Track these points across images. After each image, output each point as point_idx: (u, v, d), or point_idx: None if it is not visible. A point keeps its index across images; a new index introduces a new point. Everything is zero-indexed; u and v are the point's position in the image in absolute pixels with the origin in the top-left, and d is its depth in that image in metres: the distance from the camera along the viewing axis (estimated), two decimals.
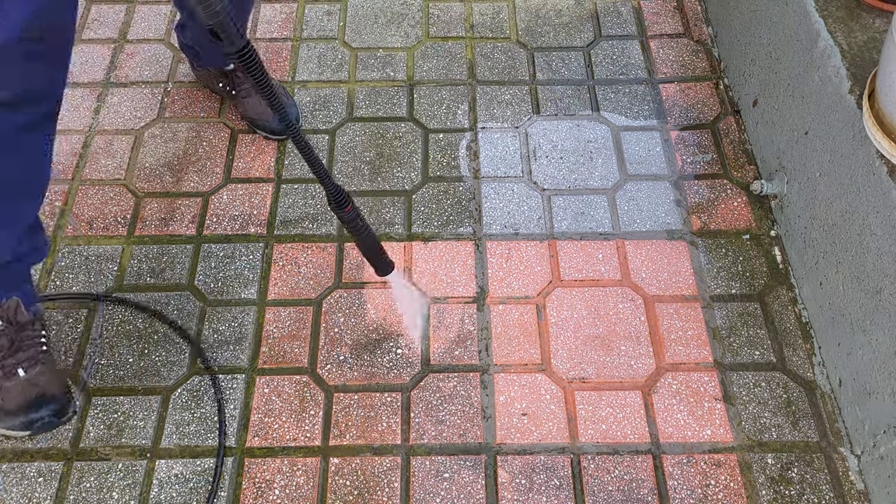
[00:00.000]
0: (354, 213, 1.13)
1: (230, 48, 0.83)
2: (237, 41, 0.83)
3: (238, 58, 0.85)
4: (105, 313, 1.44)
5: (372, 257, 1.24)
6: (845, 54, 1.28)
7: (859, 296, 1.23)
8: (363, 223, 1.16)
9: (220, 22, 0.80)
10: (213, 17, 0.79)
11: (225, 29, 0.81)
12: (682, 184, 1.63)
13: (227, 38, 0.82)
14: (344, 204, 1.10)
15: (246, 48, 0.84)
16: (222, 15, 0.79)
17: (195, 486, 1.26)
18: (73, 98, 1.78)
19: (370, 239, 1.20)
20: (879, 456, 1.19)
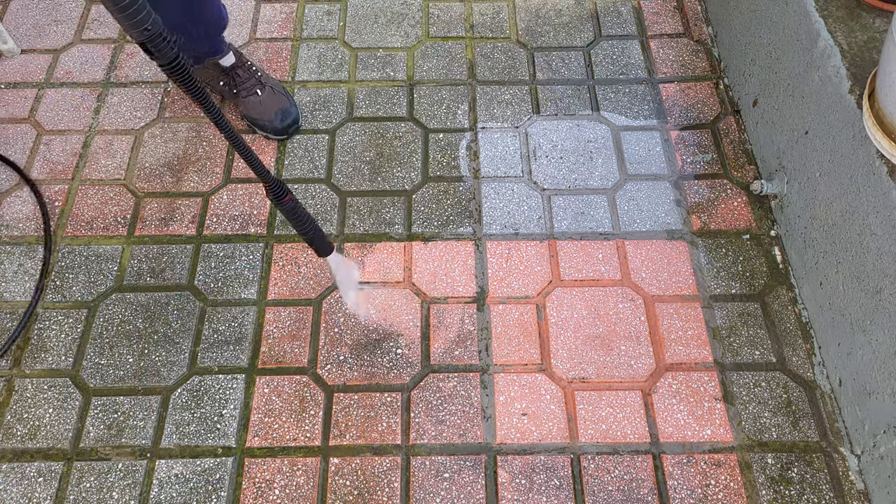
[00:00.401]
0: (293, 203, 1.16)
1: (161, 61, 0.85)
2: (168, 54, 0.85)
3: (170, 71, 0.87)
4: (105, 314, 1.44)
5: (314, 241, 1.26)
6: (845, 54, 1.28)
7: (859, 296, 1.23)
8: (301, 210, 1.18)
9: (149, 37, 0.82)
10: (141, 34, 0.81)
11: (155, 44, 0.83)
12: (682, 184, 1.63)
13: (157, 52, 0.84)
14: (282, 195, 1.13)
15: (175, 61, 0.86)
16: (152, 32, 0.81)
17: (195, 486, 1.26)
18: (72, 98, 1.78)
19: (310, 224, 1.22)
20: (879, 456, 1.19)
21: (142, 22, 0.80)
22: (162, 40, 0.83)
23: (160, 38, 0.83)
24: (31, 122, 1.74)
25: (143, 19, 0.80)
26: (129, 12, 0.78)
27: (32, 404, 1.34)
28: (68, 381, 1.37)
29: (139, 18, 0.80)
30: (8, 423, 1.32)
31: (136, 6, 0.79)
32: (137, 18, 0.79)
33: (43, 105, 1.77)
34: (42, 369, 1.38)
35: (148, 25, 0.81)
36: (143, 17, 0.80)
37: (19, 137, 1.71)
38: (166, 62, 0.85)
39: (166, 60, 0.85)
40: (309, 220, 1.21)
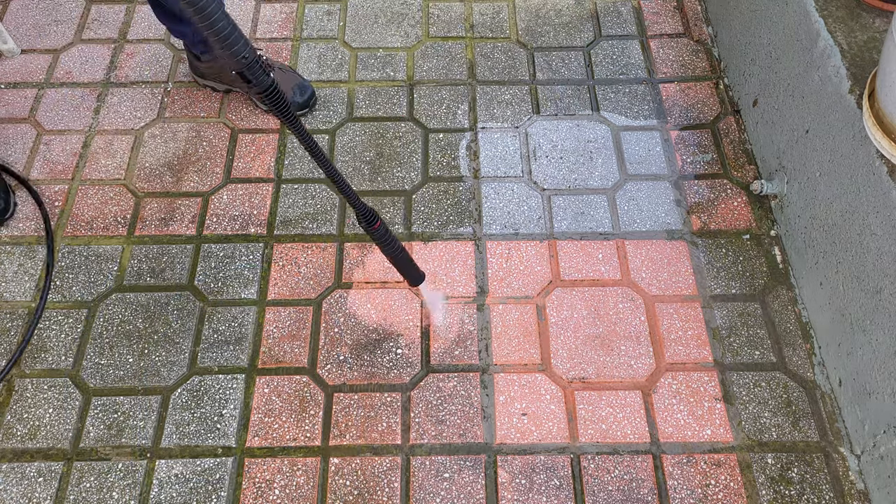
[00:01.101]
0: (384, 229, 1.16)
1: (257, 89, 0.87)
2: (264, 81, 0.87)
3: (265, 97, 0.89)
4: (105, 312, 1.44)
5: (403, 269, 1.27)
6: (845, 54, 1.28)
7: (859, 296, 1.23)
8: (392, 237, 1.19)
9: (247, 65, 0.84)
10: (239, 63, 0.83)
11: (253, 71, 0.85)
12: (682, 184, 1.63)
13: (254, 79, 0.86)
14: (373, 221, 1.14)
15: (271, 87, 0.88)
16: (250, 59, 0.83)
17: (195, 486, 1.26)
18: (72, 98, 1.78)
19: (400, 252, 1.23)
20: (879, 456, 1.19)
21: (240, 51, 0.82)
22: (259, 68, 0.85)
23: (257, 65, 0.85)
24: (31, 122, 1.74)
25: (241, 48, 0.82)
26: (229, 41, 0.81)
27: (32, 404, 1.34)
28: (68, 381, 1.37)
29: (237, 48, 0.82)
30: (8, 423, 1.32)
31: (234, 35, 0.81)
32: (236, 47, 0.82)
33: (43, 105, 1.77)
34: (42, 369, 1.38)
35: (246, 53, 0.83)
36: (240, 45, 0.82)
37: (19, 137, 1.71)
38: (262, 89, 0.87)
39: (262, 88, 0.87)
40: (399, 248, 1.21)
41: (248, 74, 0.85)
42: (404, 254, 1.24)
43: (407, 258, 1.25)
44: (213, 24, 0.78)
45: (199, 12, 0.76)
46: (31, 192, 1.61)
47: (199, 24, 0.78)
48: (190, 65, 1.78)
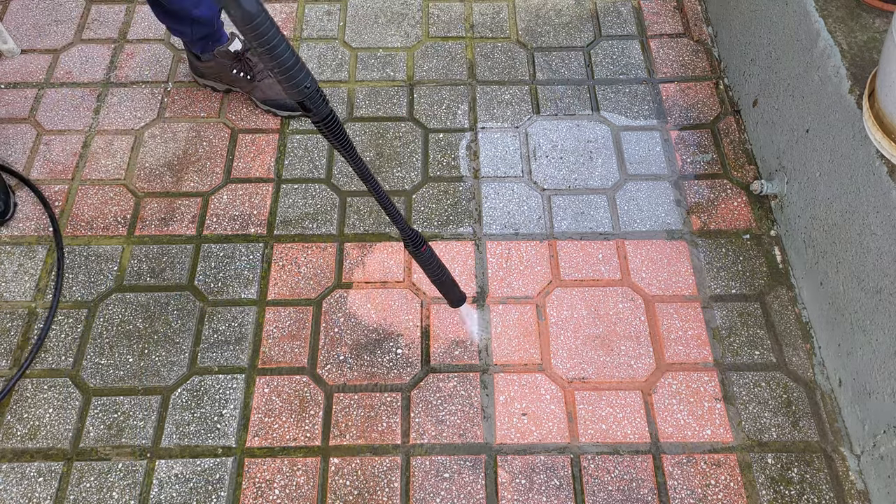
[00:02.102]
0: (430, 253, 1.16)
1: (316, 118, 0.87)
2: (324, 111, 0.86)
3: (324, 126, 0.88)
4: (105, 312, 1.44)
5: (446, 291, 1.27)
6: (845, 54, 1.28)
7: (859, 295, 1.23)
8: (436, 260, 1.18)
9: (309, 95, 0.83)
10: (301, 93, 0.82)
11: (314, 101, 0.84)
12: (682, 184, 1.63)
13: (315, 108, 0.85)
14: (419, 244, 1.13)
15: (330, 115, 0.87)
16: (311, 89, 0.83)
17: (195, 486, 1.26)
18: (72, 98, 1.78)
19: (444, 275, 1.22)
20: (879, 456, 1.19)
21: (302, 81, 0.81)
22: (319, 98, 0.85)
23: (318, 95, 0.84)
24: (31, 122, 1.74)
25: (304, 78, 0.81)
26: (292, 73, 0.80)
27: (32, 404, 1.34)
28: (68, 381, 1.37)
29: (300, 78, 0.81)
30: (8, 423, 1.32)
31: (297, 66, 0.80)
32: (298, 78, 0.81)
33: (43, 105, 1.77)
34: (42, 369, 1.38)
35: (307, 83, 0.82)
36: (303, 76, 0.81)
37: (19, 137, 1.71)
38: (320, 119, 0.86)
39: (321, 117, 0.86)
40: (443, 271, 1.21)
41: (309, 104, 0.84)
42: (448, 276, 1.23)
43: (450, 280, 1.24)
44: (275, 54, 0.77)
45: (259, 41, 0.75)
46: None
47: (261, 53, 0.77)
48: (190, 65, 1.78)
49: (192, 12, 1.56)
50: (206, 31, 1.64)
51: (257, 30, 0.74)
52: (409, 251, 1.14)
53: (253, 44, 0.76)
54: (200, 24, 1.61)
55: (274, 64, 0.78)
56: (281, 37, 0.77)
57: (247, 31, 0.75)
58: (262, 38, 0.75)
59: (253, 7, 0.73)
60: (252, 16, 0.73)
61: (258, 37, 0.75)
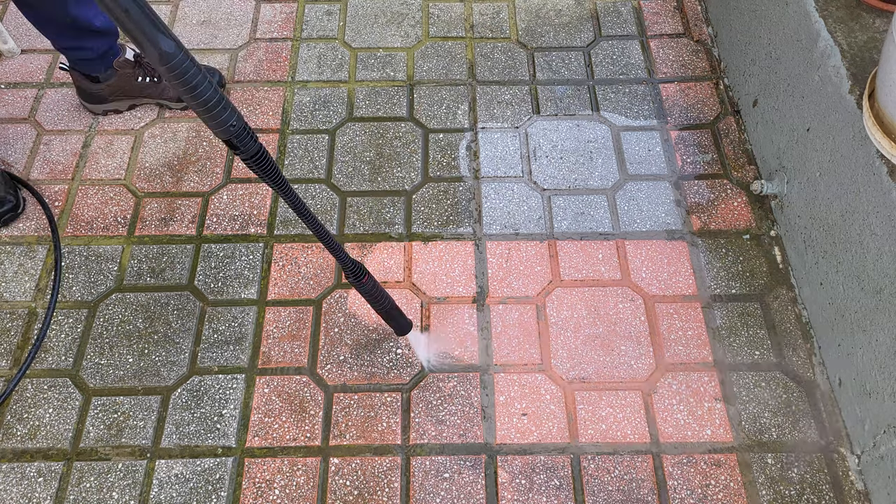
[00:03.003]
0: (371, 283, 1.14)
1: (244, 156, 0.84)
2: (252, 148, 0.83)
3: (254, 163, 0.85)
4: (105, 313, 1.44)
5: (391, 320, 1.27)
6: (845, 54, 1.28)
7: (859, 295, 1.23)
8: (379, 290, 1.17)
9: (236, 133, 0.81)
10: (227, 132, 0.80)
11: (241, 139, 0.82)
12: (682, 184, 1.63)
13: (242, 146, 0.83)
14: (360, 275, 1.12)
15: (259, 152, 0.85)
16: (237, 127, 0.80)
17: (195, 486, 1.26)
18: (72, 98, 1.78)
19: (388, 303, 1.22)
20: (879, 456, 1.19)
21: (228, 119, 0.79)
22: (246, 135, 0.82)
23: (244, 133, 0.81)
24: (31, 122, 1.74)
25: (229, 117, 0.79)
26: (216, 111, 0.77)
27: (32, 404, 1.34)
28: (68, 381, 1.37)
29: (224, 117, 0.78)
30: (8, 423, 1.32)
31: (221, 104, 0.77)
32: (223, 117, 0.78)
33: (43, 105, 1.77)
34: (42, 369, 1.38)
35: (234, 121, 0.79)
36: (228, 114, 0.78)
37: (19, 137, 1.71)
38: (249, 156, 0.84)
39: (249, 154, 0.84)
40: (387, 299, 1.21)
41: (237, 142, 0.81)
42: (392, 304, 1.23)
43: (395, 309, 1.24)
44: (197, 93, 0.74)
45: (180, 80, 0.72)
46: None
47: (182, 93, 0.74)
48: (85, 95, 1.69)
49: (95, 23, 1.49)
50: (108, 42, 1.58)
51: (176, 69, 0.70)
52: (351, 282, 1.13)
53: (173, 83, 0.72)
54: (104, 36, 1.55)
55: (196, 104, 0.75)
56: (202, 75, 0.73)
57: (166, 72, 0.71)
58: (182, 78, 0.71)
59: (170, 47, 0.69)
60: (170, 56, 0.69)
61: (178, 76, 0.71)
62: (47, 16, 1.46)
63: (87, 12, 1.46)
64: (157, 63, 0.70)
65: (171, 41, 0.69)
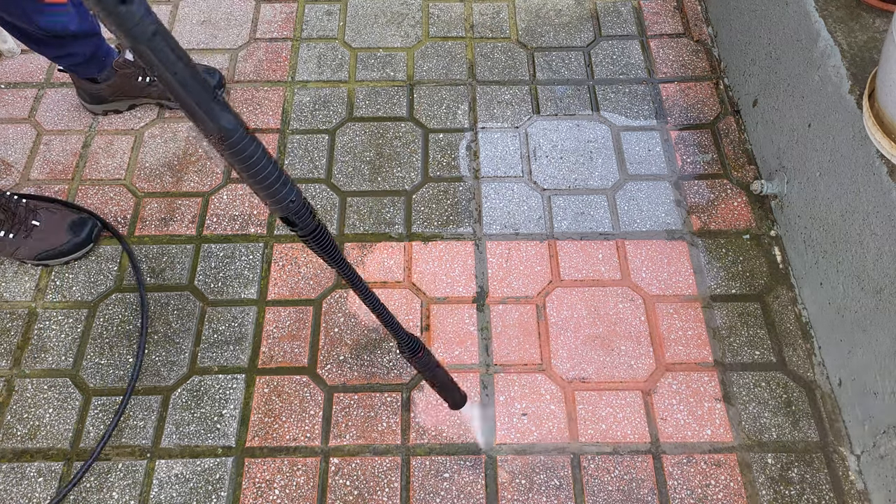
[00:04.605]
0: (427, 357, 1.08)
1: (302, 233, 0.79)
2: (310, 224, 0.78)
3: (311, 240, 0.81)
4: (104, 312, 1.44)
5: (446, 393, 1.21)
6: (845, 54, 1.28)
7: (859, 295, 1.23)
8: (435, 363, 1.11)
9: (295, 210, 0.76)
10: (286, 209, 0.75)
11: (301, 216, 0.77)
12: (682, 184, 1.63)
13: (300, 223, 0.78)
14: (417, 350, 1.05)
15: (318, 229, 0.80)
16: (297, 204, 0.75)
17: (195, 486, 1.26)
18: (72, 98, 1.78)
19: (444, 377, 1.16)
20: (879, 456, 1.19)
21: (286, 196, 0.73)
22: (306, 212, 0.77)
23: (304, 209, 0.76)
24: (31, 122, 1.74)
25: (288, 193, 0.73)
26: (275, 188, 0.71)
27: (32, 404, 1.34)
28: (68, 381, 1.37)
29: (284, 193, 0.72)
30: (8, 423, 1.32)
31: (280, 181, 0.71)
32: (282, 193, 0.72)
33: (43, 105, 1.77)
34: (42, 369, 1.38)
35: (293, 198, 0.74)
36: (286, 191, 0.73)
37: (19, 137, 1.71)
38: (308, 233, 0.79)
39: (308, 231, 0.79)
40: (442, 373, 1.15)
41: (296, 219, 0.76)
42: (448, 378, 1.17)
43: (450, 382, 1.18)
44: (255, 171, 0.69)
45: (238, 157, 0.67)
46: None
47: (240, 171, 0.69)
48: (85, 95, 1.69)
49: (71, 28, 1.45)
50: (93, 44, 1.55)
51: (235, 147, 0.66)
52: (406, 358, 1.06)
53: (231, 161, 0.68)
54: (86, 38, 1.52)
55: (255, 181, 0.70)
56: (262, 151, 0.69)
57: (224, 150, 0.66)
58: (241, 156, 0.67)
59: (230, 123, 0.65)
60: (230, 132, 0.65)
61: (236, 154, 0.67)
62: (21, 30, 1.43)
63: (58, 19, 1.42)
64: (216, 140, 0.66)
65: (231, 117, 0.65)
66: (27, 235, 1.45)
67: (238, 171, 0.70)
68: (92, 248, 1.52)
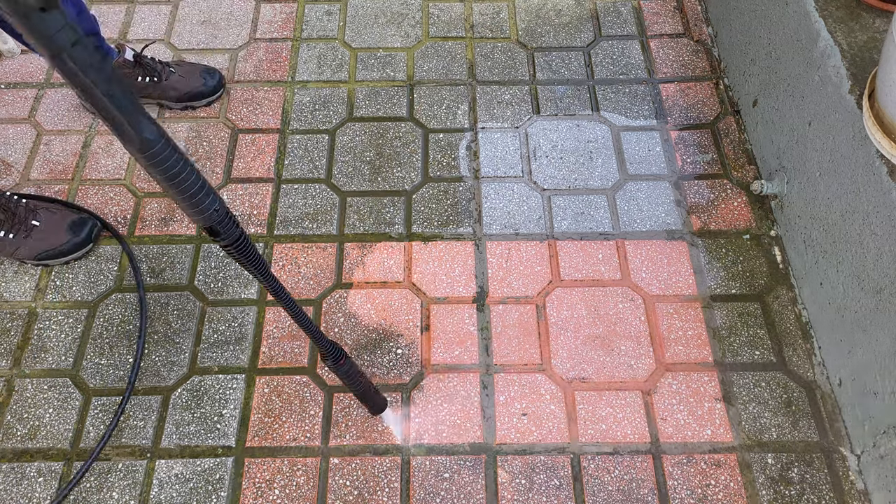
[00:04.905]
0: (349, 364, 1.11)
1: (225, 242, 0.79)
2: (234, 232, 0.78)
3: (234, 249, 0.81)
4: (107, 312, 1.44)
5: (366, 400, 1.25)
6: (845, 54, 1.28)
7: (859, 295, 1.23)
8: (357, 371, 1.15)
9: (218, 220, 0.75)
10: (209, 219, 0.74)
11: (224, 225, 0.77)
12: (682, 184, 1.63)
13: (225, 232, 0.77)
14: (339, 357, 1.08)
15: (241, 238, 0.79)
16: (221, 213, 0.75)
17: (195, 486, 1.26)
18: (72, 98, 1.78)
19: (365, 384, 1.19)
20: (879, 456, 1.19)
21: (209, 206, 0.73)
22: (229, 221, 0.77)
23: (227, 218, 0.76)
24: (31, 122, 1.74)
25: (211, 203, 0.73)
26: (198, 199, 0.72)
27: (32, 404, 1.34)
28: (68, 381, 1.37)
29: (206, 203, 0.73)
30: (8, 423, 1.32)
31: (203, 191, 0.72)
32: (205, 203, 0.73)
33: (43, 105, 1.77)
34: (42, 369, 1.38)
35: (216, 206, 0.74)
36: (210, 201, 0.73)
37: (19, 137, 1.71)
38: (230, 242, 0.79)
39: (231, 241, 0.78)
40: (363, 380, 1.18)
41: (220, 228, 0.76)
42: (369, 384, 1.21)
43: (370, 388, 1.22)
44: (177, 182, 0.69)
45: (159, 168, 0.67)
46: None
47: (160, 181, 0.69)
48: None
49: None
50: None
51: (156, 157, 0.66)
52: (328, 365, 1.09)
53: (150, 171, 0.67)
54: None
55: (177, 192, 0.70)
56: (184, 162, 0.69)
57: (143, 160, 0.66)
58: (162, 167, 0.67)
59: (152, 134, 0.64)
60: (151, 143, 0.65)
61: (157, 165, 0.66)
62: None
63: None
64: (136, 151, 0.65)
65: (153, 127, 0.65)
66: (27, 235, 1.45)
67: (159, 183, 0.69)
68: (92, 248, 1.52)
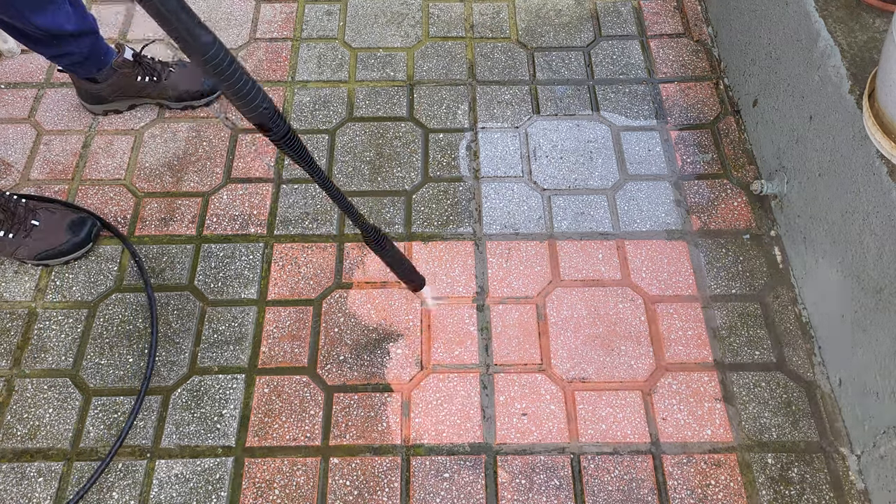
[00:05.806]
0: (392, 248, 1.23)
1: (275, 136, 0.88)
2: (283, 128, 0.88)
3: (284, 143, 0.90)
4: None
5: (410, 279, 1.35)
6: (845, 54, 1.28)
7: (859, 295, 1.23)
8: (399, 253, 1.27)
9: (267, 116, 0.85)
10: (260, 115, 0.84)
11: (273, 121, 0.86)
12: (682, 184, 1.63)
13: (274, 127, 0.87)
14: (382, 242, 1.20)
15: (289, 133, 0.89)
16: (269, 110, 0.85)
17: (195, 486, 1.26)
18: (72, 98, 1.78)
19: (408, 264, 1.30)
20: (879, 456, 1.19)
21: (260, 104, 0.83)
22: (278, 117, 0.86)
23: (275, 114, 0.86)
24: (31, 122, 1.74)
25: (261, 101, 0.83)
26: (249, 97, 0.81)
27: (32, 404, 1.34)
28: (68, 381, 1.37)
29: (258, 101, 0.83)
30: (8, 423, 1.32)
31: (254, 90, 0.81)
32: (256, 101, 0.82)
33: (43, 105, 1.77)
34: (42, 369, 1.38)
35: (265, 105, 0.84)
36: (260, 99, 0.83)
37: (19, 137, 1.71)
38: (279, 137, 0.88)
39: (280, 136, 0.88)
40: (406, 260, 1.30)
41: (270, 124, 0.86)
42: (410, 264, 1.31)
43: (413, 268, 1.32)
44: (231, 82, 0.79)
45: (216, 70, 0.77)
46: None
47: (217, 83, 0.79)
48: (84, 95, 1.69)
49: (67, 27, 1.46)
50: (90, 42, 1.55)
51: (213, 60, 0.76)
52: (374, 250, 1.21)
53: (209, 74, 0.77)
54: (83, 37, 1.52)
55: (232, 91, 0.81)
56: (236, 64, 0.79)
57: (203, 63, 0.76)
58: (219, 67, 0.77)
59: (208, 38, 0.75)
60: (207, 46, 0.75)
61: (216, 66, 0.76)
62: (19, 30, 1.44)
63: (54, 19, 1.43)
64: (195, 55, 0.75)
65: (208, 33, 0.74)
66: (27, 235, 1.45)
67: (218, 84, 0.79)
68: (91, 247, 1.52)
